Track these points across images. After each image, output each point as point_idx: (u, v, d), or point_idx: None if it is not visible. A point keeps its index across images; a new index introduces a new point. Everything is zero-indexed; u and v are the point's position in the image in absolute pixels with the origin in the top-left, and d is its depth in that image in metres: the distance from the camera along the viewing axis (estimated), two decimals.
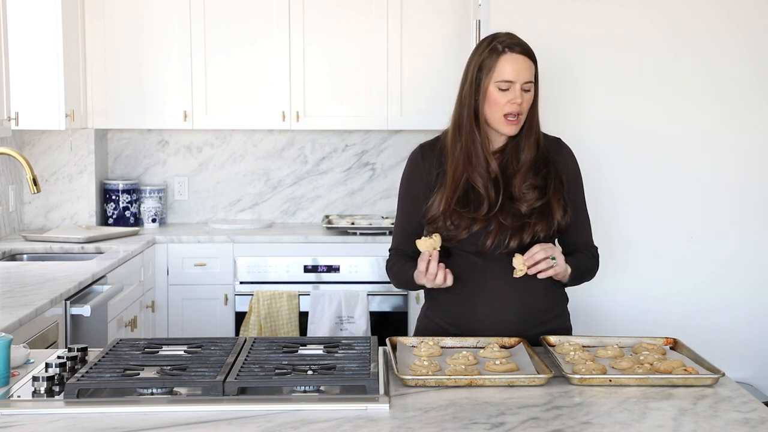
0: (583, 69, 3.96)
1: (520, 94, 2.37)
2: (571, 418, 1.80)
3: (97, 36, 4.77)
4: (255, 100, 4.85)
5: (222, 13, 4.80)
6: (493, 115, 2.39)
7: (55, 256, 4.31)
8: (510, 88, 2.37)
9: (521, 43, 2.40)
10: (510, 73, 2.36)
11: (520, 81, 2.37)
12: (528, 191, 2.41)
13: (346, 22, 4.82)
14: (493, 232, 2.38)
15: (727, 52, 3.95)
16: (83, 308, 3.24)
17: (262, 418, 1.78)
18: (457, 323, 2.46)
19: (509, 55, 2.37)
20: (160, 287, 4.61)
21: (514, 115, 2.38)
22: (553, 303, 2.51)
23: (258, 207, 5.24)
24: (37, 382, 1.91)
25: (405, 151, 5.13)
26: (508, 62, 2.37)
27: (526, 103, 2.40)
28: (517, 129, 2.41)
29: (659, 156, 4.00)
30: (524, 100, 2.38)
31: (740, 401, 1.90)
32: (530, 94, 2.40)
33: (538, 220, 2.39)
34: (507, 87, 2.37)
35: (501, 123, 2.39)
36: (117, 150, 5.19)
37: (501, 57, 2.37)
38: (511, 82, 2.36)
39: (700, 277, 4.03)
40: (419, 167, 2.51)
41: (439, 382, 1.99)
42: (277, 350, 2.15)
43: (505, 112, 2.38)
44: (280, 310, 4.52)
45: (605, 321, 3.96)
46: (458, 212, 2.39)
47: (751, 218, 4.02)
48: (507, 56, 2.37)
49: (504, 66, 2.37)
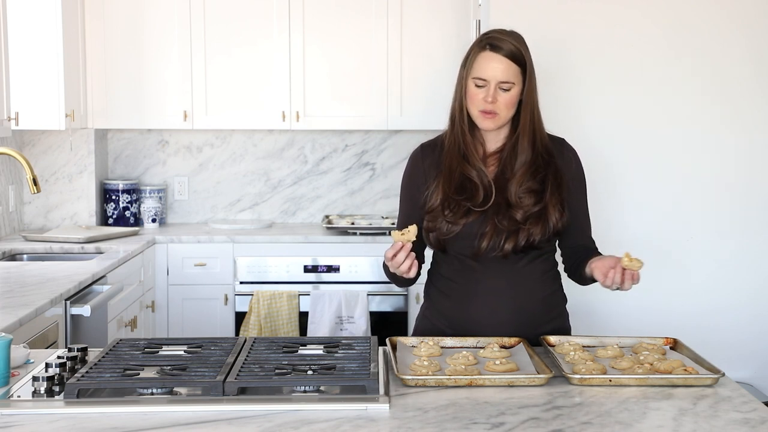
0: (583, 69, 3.96)
1: (494, 93, 2.36)
2: (571, 418, 1.80)
3: (97, 36, 4.77)
4: (255, 100, 4.85)
5: (222, 13, 4.80)
6: (471, 109, 2.41)
7: (55, 256, 4.31)
8: (485, 86, 2.37)
9: (507, 43, 2.37)
10: (483, 71, 2.37)
11: (494, 81, 2.36)
12: (524, 196, 2.40)
13: (346, 22, 4.82)
14: (488, 234, 2.38)
15: (727, 51, 3.95)
16: (83, 308, 3.24)
17: (262, 418, 1.78)
18: (453, 325, 2.46)
19: (487, 54, 2.37)
20: (160, 287, 4.61)
21: (487, 112, 2.38)
22: (550, 305, 2.50)
23: (258, 207, 5.24)
24: (37, 382, 1.91)
25: (405, 151, 5.13)
26: (484, 60, 2.37)
27: (503, 103, 2.38)
28: (493, 125, 2.40)
29: (659, 156, 4.00)
30: (500, 99, 2.37)
31: (740, 401, 1.90)
32: (509, 94, 2.38)
33: (534, 224, 2.39)
34: (483, 84, 2.38)
35: (478, 118, 2.41)
36: (117, 150, 5.19)
37: (480, 54, 2.38)
38: (484, 80, 2.37)
39: (700, 277, 4.03)
40: (419, 167, 2.52)
41: (439, 382, 1.99)
42: (277, 350, 2.15)
43: (479, 108, 2.39)
44: (280, 310, 4.52)
45: (605, 321, 3.97)
46: (455, 200, 2.40)
47: (751, 218, 4.02)
48: (485, 54, 2.37)
49: (480, 63, 2.37)
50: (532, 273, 2.45)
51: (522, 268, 2.43)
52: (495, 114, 2.39)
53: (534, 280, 2.45)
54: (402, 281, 2.46)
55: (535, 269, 2.45)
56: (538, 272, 2.46)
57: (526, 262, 2.43)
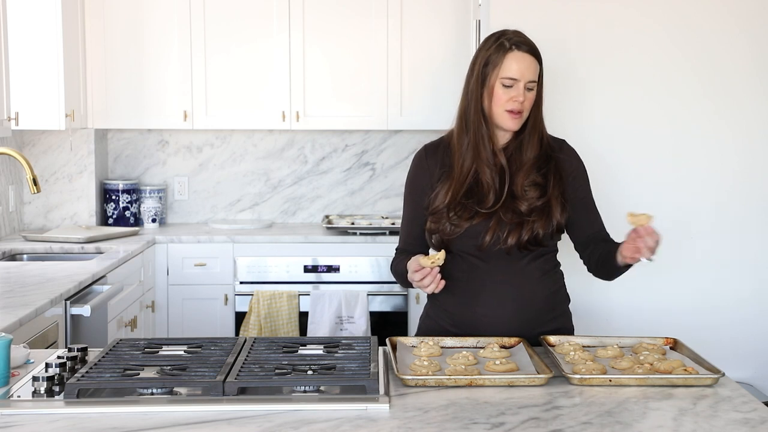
0: (584, 69, 3.96)
1: (524, 92, 2.40)
2: (571, 418, 1.80)
3: (97, 36, 4.77)
4: (255, 100, 4.85)
5: (222, 13, 4.80)
6: (495, 110, 2.41)
7: (55, 256, 4.31)
8: (514, 85, 2.39)
9: (528, 42, 2.43)
10: (515, 71, 2.39)
11: (524, 80, 2.39)
12: (529, 189, 2.43)
13: (346, 22, 4.82)
14: (492, 228, 2.39)
15: (728, 51, 3.95)
16: (83, 308, 3.24)
17: (262, 418, 1.78)
18: (457, 324, 2.47)
19: (516, 53, 2.39)
20: (160, 287, 4.61)
21: (516, 112, 2.40)
22: (554, 303, 2.51)
23: (258, 207, 5.24)
24: (37, 382, 1.91)
25: (405, 151, 5.13)
26: (514, 60, 2.39)
27: (528, 102, 2.42)
28: (518, 125, 2.43)
29: (660, 156, 4.00)
30: (527, 98, 2.41)
31: (740, 401, 1.90)
32: (533, 93, 2.43)
33: (538, 218, 2.41)
34: (511, 84, 2.39)
35: (503, 118, 2.41)
36: (117, 150, 5.19)
37: (508, 54, 2.39)
38: (516, 80, 2.39)
39: (700, 276, 4.03)
40: (423, 168, 2.53)
41: (439, 382, 1.99)
42: (277, 350, 2.15)
43: (507, 108, 2.40)
44: (280, 310, 4.52)
45: (605, 321, 3.96)
46: (463, 204, 2.41)
47: (752, 218, 4.02)
48: (514, 54, 2.39)
49: (510, 63, 2.39)
50: (535, 271, 2.46)
51: (525, 266, 2.44)
52: (521, 113, 2.41)
53: (537, 279, 2.46)
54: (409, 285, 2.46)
55: (537, 268, 2.46)
56: (541, 271, 2.47)
57: (528, 261, 2.45)
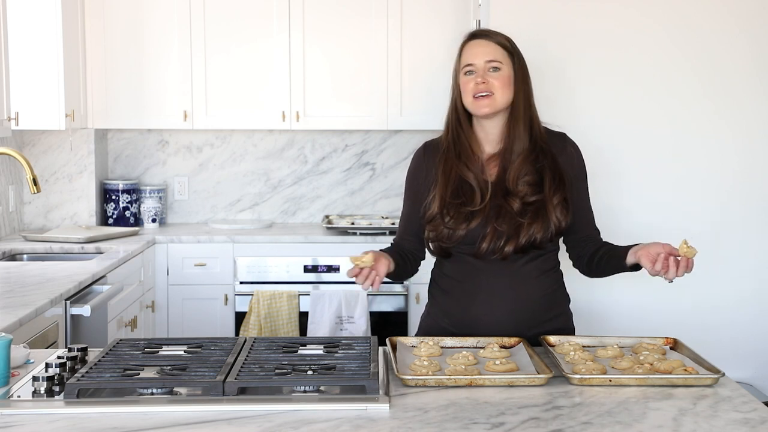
0: (584, 68, 3.96)
1: (484, 73, 2.44)
2: (571, 418, 1.80)
3: (97, 36, 4.77)
4: (255, 100, 4.85)
5: (222, 13, 4.80)
6: (465, 100, 2.47)
7: (55, 256, 4.31)
8: (474, 71, 2.44)
9: (486, 32, 2.51)
10: (470, 57, 2.47)
11: (481, 61, 2.44)
12: (522, 183, 2.42)
13: (346, 22, 4.82)
14: (488, 237, 2.39)
15: (728, 50, 3.95)
16: (83, 308, 3.24)
17: (262, 418, 1.78)
18: (456, 324, 2.47)
19: (470, 42, 2.50)
20: (160, 287, 4.61)
21: (481, 95, 2.42)
22: (552, 304, 2.51)
23: (258, 207, 5.24)
24: (37, 382, 1.91)
25: (405, 151, 5.14)
26: (469, 48, 2.49)
27: (498, 82, 2.44)
28: (489, 108, 2.43)
29: (659, 155, 4.00)
30: (492, 79, 2.44)
31: (740, 401, 1.90)
32: (500, 73, 2.45)
33: (533, 221, 2.39)
34: (470, 70, 2.45)
35: (473, 105, 2.45)
36: (117, 150, 5.19)
37: (464, 46, 2.51)
38: (472, 65, 2.45)
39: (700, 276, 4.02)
40: (422, 165, 2.54)
41: (439, 382, 1.99)
42: (277, 350, 2.15)
43: (472, 93, 2.44)
44: (280, 310, 4.52)
45: (605, 321, 3.97)
46: (454, 205, 2.41)
47: (752, 217, 4.02)
48: (468, 44, 2.50)
49: (466, 52, 2.49)
50: (533, 271, 2.46)
51: (522, 266, 2.44)
52: (489, 95, 2.43)
53: (534, 279, 2.46)
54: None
55: (536, 268, 2.46)
56: (539, 271, 2.47)
57: (526, 261, 2.44)
